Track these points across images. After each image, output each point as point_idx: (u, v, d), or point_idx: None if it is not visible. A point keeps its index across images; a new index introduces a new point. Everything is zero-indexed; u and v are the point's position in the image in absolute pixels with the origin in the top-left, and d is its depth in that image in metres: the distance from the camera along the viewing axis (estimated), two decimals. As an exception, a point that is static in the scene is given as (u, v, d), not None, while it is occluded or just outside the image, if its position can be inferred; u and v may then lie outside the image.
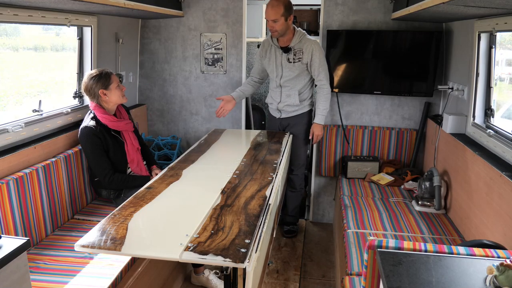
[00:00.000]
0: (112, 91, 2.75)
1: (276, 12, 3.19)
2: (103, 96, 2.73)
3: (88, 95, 2.75)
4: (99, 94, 2.72)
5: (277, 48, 3.39)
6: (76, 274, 2.10)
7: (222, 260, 1.59)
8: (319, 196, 4.08)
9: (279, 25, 3.22)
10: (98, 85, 2.70)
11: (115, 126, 2.79)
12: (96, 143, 2.68)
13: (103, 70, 2.77)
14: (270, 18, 3.22)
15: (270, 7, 3.21)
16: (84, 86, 2.73)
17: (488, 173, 2.31)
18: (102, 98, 2.74)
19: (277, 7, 3.18)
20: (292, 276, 3.18)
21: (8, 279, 1.40)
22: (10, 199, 2.22)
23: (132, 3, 2.71)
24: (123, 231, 1.78)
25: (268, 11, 3.21)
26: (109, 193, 2.84)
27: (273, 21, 3.21)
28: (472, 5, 2.06)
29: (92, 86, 2.70)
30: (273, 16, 3.20)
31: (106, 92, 2.72)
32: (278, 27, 3.23)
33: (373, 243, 1.64)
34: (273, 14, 3.19)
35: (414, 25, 3.57)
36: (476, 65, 2.70)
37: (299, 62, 3.36)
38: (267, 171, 2.59)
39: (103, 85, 2.71)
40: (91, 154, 2.70)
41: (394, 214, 2.92)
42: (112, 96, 2.75)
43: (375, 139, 3.79)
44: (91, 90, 2.71)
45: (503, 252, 1.59)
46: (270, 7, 3.21)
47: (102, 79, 2.71)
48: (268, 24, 3.28)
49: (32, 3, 2.23)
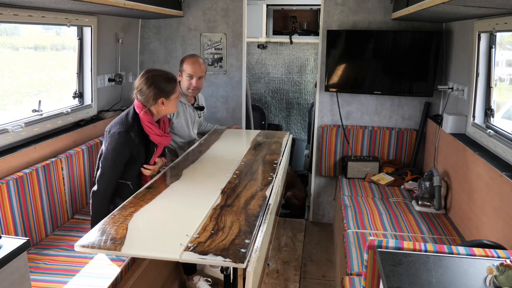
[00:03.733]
0: (171, 101, 2.41)
1: (204, 68, 3.16)
2: (160, 105, 2.37)
3: (143, 95, 2.35)
4: (158, 102, 2.35)
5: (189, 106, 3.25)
6: (76, 274, 2.10)
7: (222, 260, 1.59)
8: (319, 196, 4.08)
9: (202, 83, 3.18)
10: (161, 94, 2.34)
11: (158, 140, 2.43)
12: (122, 156, 2.31)
13: (169, 74, 2.43)
14: (200, 74, 3.11)
15: (198, 63, 3.10)
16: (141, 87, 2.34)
17: (488, 173, 2.31)
18: (158, 107, 2.38)
19: (204, 64, 3.16)
20: (292, 276, 3.18)
21: (8, 279, 1.40)
22: (10, 199, 2.22)
23: (132, 3, 2.71)
24: (123, 231, 1.78)
25: (197, 68, 3.08)
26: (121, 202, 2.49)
27: (199, 78, 3.12)
28: (472, 5, 2.06)
29: (154, 92, 2.32)
30: (202, 72, 3.13)
31: (165, 102, 2.38)
32: (202, 84, 3.18)
33: (373, 243, 1.64)
34: (202, 70, 3.12)
35: (414, 25, 3.56)
36: (476, 65, 2.70)
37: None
38: (267, 171, 2.59)
39: (166, 94, 2.36)
40: (108, 162, 2.31)
41: (394, 214, 2.92)
42: (169, 107, 2.43)
43: (375, 139, 3.78)
44: (149, 95, 2.32)
45: (503, 252, 1.59)
46: (198, 64, 3.09)
47: (168, 87, 2.37)
48: (190, 82, 3.10)
49: (32, 3, 2.23)
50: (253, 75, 5.58)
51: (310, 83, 5.48)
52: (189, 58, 3.14)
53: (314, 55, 5.34)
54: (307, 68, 5.48)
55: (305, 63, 5.47)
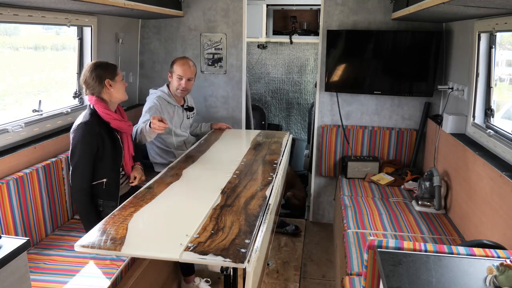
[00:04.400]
0: (118, 83, 2.48)
1: (194, 70, 3.20)
2: (108, 87, 2.44)
3: (90, 85, 2.43)
4: (104, 84, 2.42)
5: (178, 107, 3.27)
6: (76, 274, 2.10)
7: (222, 260, 1.59)
8: (319, 196, 4.08)
9: (191, 85, 3.22)
10: (106, 74, 2.43)
11: (118, 125, 2.51)
12: (89, 147, 2.36)
13: (107, 62, 2.57)
14: (189, 76, 3.16)
15: (188, 65, 3.16)
16: (88, 75, 2.42)
17: (488, 173, 2.31)
18: (106, 89, 2.44)
19: (194, 67, 3.21)
20: (292, 276, 3.18)
21: (8, 279, 1.40)
22: (10, 199, 2.22)
23: (132, 3, 2.71)
24: (123, 231, 1.78)
25: (186, 69, 3.14)
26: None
27: (188, 79, 3.16)
28: (472, 5, 2.06)
29: (100, 73, 2.41)
30: (191, 74, 3.18)
31: (112, 84, 2.45)
32: (190, 86, 3.22)
33: (373, 243, 1.64)
34: (191, 72, 3.17)
35: (414, 25, 3.56)
36: (476, 65, 2.70)
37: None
38: (267, 171, 2.59)
39: (110, 74, 2.45)
40: (77, 157, 2.36)
41: (394, 214, 2.92)
42: (117, 89, 2.48)
43: (375, 139, 3.78)
44: (96, 78, 2.40)
45: (503, 252, 1.59)
46: (188, 66, 3.16)
47: (109, 69, 2.47)
48: (179, 82, 3.15)
49: (32, 3, 2.23)
50: (253, 75, 5.58)
51: (310, 83, 5.48)
52: (179, 60, 3.19)
53: (314, 55, 5.34)
54: (307, 68, 5.48)
55: (305, 63, 5.47)
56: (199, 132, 3.58)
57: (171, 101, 3.20)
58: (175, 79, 3.16)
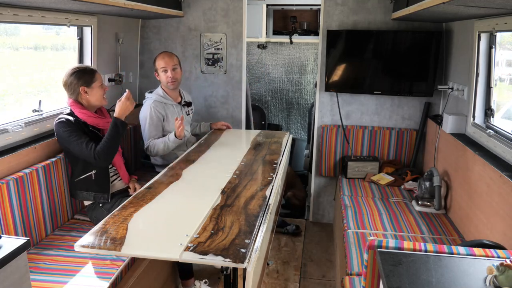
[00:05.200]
0: (94, 89, 2.55)
1: (175, 59, 3.17)
2: (83, 94, 2.53)
3: (67, 90, 2.54)
4: (79, 91, 2.52)
5: (176, 106, 3.24)
6: (76, 274, 2.10)
7: (222, 260, 1.59)
8: (319, 196, 4.08)
9: (179, 73, 3.19)
10: (80, 82, 2.50)
11: (95, 122, 2.58)
12: (72, 128, 2.46)
13: (88, 66, 2.63)
14: (171, 64, 3.12)
15: (167, 55, 3.15)
16: (64, 80, 2.52)
17: (488, 173, 2.31)
18: (82, 96, 2.54)
19: (174, 55, 3.20)
20: (292, 276, 3.18)
21: (8, 279, 1.40)
22: (10, 199, 2.22)
23: (132, 3, 2.71)
24: (123, 231, 1.78)
25: (167, 59, 3.12)
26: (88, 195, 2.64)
27: (173, 69, 3.12)
28: (472, 5, 2.06)
29: (73, 81, 2.50)
30: (173, 61, 3.14)
31: (88, 90, 2.53)
32: (178, 75, 3.19)
33: (373, 243, 1.64)
34: (172, 60, 3.14)
35: (414, 25, 3.56)
36: (476, 65, 2.70)
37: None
38: (267, 171, 2.59)
39: (85, 82, 2.52)
40: (68, 138, 2.45)
41: (394, 214, 2.92)
42: (93, 95, 2.56)
43: (375, 139, 3.78)
44: (71, 85, 2.50)
45: (503, 252, 1.59)
46: (167, 55, 3.14)
47: (85, 76, 2.53)
48: (166, 75, 3.12)
49: (32, 3, 2.23)
50: (253, 75, 5.58)
51: (310, 83, 5.48)
52: (158, 55, 3.21)
53: (314, 55, 5.34)
54: (307, 68, 5.48)
55: (305, 63, 5.47)
56: (199, 131, 3.58)
57: (168, 101, 3.19)
58: (161, 74, 3.15)
